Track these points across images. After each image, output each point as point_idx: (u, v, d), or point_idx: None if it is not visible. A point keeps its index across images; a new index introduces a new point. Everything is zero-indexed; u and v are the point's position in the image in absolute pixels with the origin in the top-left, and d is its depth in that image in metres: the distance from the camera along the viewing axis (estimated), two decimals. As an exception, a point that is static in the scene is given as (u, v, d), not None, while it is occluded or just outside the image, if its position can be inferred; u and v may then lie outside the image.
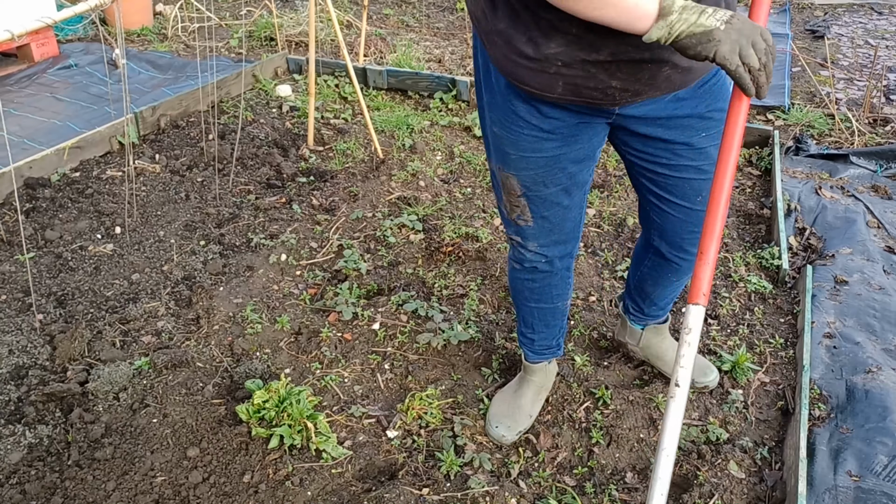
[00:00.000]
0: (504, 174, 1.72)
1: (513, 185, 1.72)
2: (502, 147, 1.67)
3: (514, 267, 1.96)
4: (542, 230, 1.80)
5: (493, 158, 1.75)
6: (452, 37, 5.50)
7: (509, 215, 1.81)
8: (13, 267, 2.70)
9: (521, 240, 1.85)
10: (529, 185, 1.71)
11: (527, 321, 2.06)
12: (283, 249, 2.88)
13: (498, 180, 1.77)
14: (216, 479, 1.92)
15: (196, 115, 3.95)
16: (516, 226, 1.82)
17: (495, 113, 1.64)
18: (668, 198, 1.82)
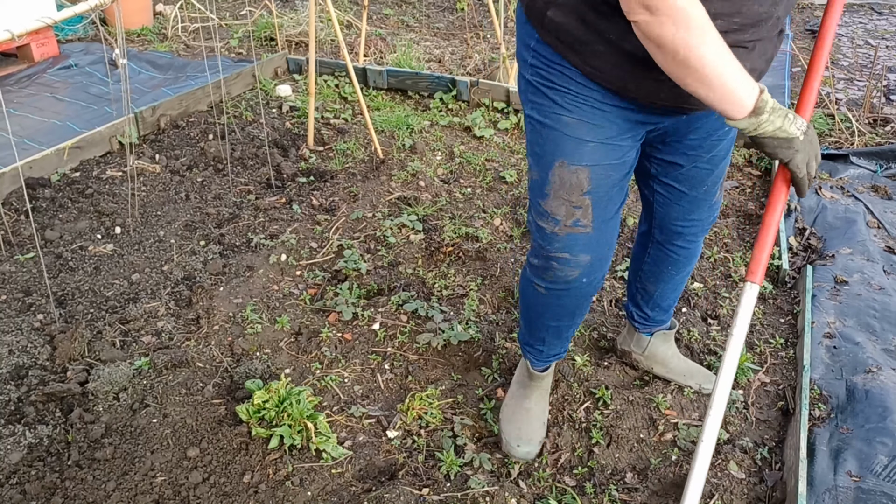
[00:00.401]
0: (569, 169, 1.61)
1: (580, 179, 1.62)
2: (576, 135, 1.59)
3: (537, 288, 1.81)
4: (597, 241, 1.70)
5: (553, 154, 1.63)
6: (452, 37, 5.50)
7: (564, 220, 1.66)
8: (13, 267, 2.70)
9: (569, 255, 1.69)
10: (599, 181, 1.63)
11: (538, 335, 1.97)
12: (283, 249, 2.88)
13: (551, 181, 1.64)
14: (216, 479, 1.93)
15: (196, 115, 3.95)
16: (568, 237, 1.67)
17: (572, 99, 1.57)
18: (677, 187, 1.87)
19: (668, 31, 1.28)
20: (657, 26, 1.28)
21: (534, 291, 1.83)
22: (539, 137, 1.65)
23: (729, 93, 1.33)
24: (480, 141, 3.83)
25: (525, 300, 1.92)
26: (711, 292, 2.69)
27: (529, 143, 1.70)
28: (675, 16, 1.27)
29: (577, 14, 1.46)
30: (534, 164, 1.69)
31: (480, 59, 4.82)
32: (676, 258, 2.04)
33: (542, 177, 1.65)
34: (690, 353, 2.40)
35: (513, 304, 2.64)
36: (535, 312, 1.91)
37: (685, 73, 1.31)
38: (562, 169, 1.62)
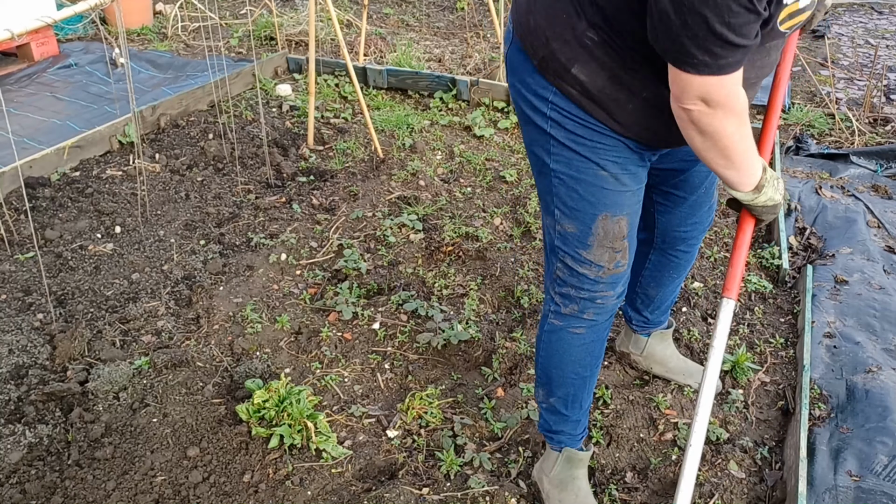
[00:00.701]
0: (612, 221, 1.60)
1: (622, 227, 1.62)
2: (616, 187, 1.57)
3: (575, 333, 1.73)
4: (629, 266, 1.70)
5: (594, 207, 1.59)
6: (452, 36, 5.50)
7: (608, 265, 1.64)
8: (13, 267, 2.70)
9: (612, 292, 1.68)
10: (633, 221, 1.65)
11: (577, 397, 1.82)
12: (283, 249, 2.88)
13: (595, 234, 1.61)
14: (216, 479, 1.92)
15: (196, 114, 3.95)
16: (612, 277, 1.66)
17: (605, 154, 1.54)
18: (675, 193, 1.89)
19: (717, 122, 1.32)
20: (709, 117, 1.31)
21: (570, 339, 1.74)
22: (573, 192, 1.59)
23: (745, 172, 1.45)
24: (480, 140, 3.83)
25: (558, 357, 1.78)
26: (711, 292, 2.69)
27: (556, 196, 1.62)
28: (732, 108, 1.31)
29: (607, 71, 1.43)
30: (567, 217, 1.62)
31: (480, 59, 4.82)
32: (678, 262, 2.04)
33: (583, 230, 1.61)
34: (690, 353, 2.40)
35: (512, 303, 2.64)
36: (572, 365, 1.78)
37: (715, 153, 1.39)
38: (605, 221, 1.60)
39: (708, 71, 1.25)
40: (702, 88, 1.28)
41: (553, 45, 1.45)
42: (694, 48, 1.22)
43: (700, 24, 1.18)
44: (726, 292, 1.63)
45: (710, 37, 1.19)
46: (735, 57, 1.24)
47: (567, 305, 1.71)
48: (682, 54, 1.24)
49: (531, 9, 1.50)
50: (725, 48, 1.22)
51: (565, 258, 1.66)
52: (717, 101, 1.29)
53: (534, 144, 1.62)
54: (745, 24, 1.19)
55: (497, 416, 2.15)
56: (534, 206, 3.18)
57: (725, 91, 1.29)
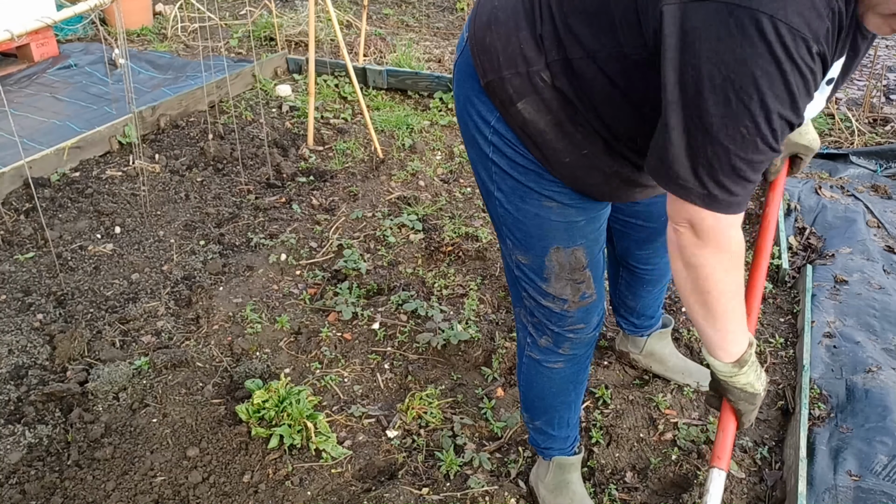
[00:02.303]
0: (566, 252, 1.49)
1: (578, 258, 1.50)
2: (564, 219, 1.46)
3: (554, 367, 1.67)
4: (600, 296, 1.59)
5: (543, 240, 1.49)
6: (452, 36, 5.50)
7: (572, 298, 1.54)
8: (13, 267, 2.70)
9: (584, 325, 1.59)
10: (592, 250, 1.53)
11: (563, 418, 1.79)
12: (282, 249, 2.88)
13: (549, 266, 1.51)
14: (216, 479, 1.92)
15: (196, 114, 3.95)
16: (580, 310, 1.56)
17: (548, 186, 1.43)
18: (633, 221, 1.85)
19: (703, 257, 1.19)
20: (696, 248, 1.18)
21: (549, 374, 1.68)
22: (519, 223, 1.49)
23: (726, 333, 1.28)
24: (480, 141, 3.82)
25: (538, 389, 1.74)
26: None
27: (504, 225, 1.52)
28: (724, 248, 1.18)
29: (553, 117, 1.31)
30: (518, 247, 1.53)
31: (480, 59, 4.81)
32: (649, 278, 2.03)
33: (537, 262, 1.52)
34: (690, 353, 2.40)
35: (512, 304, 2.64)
36: (553, 396, 1.73)
37: (696, 297, 1.25)
38: (558, 253, 1.49)
39: (713, 206, 1.12)
40: (696, 216, 1.15)
41: (503, 73, 1.32)
42: (705, 178, 1.10)
43: (720, 155, 1.07)
44: (716, 461, 1.43)
45: (726, 170, 1.08)
46: (743, 195, 1.12)
47: (541, 337, 1.63)
48: (685, 181, 1.11)
49: (490, 25, 1.35)
50: (738, 184, 1.10)
51: (528, 289, 1.57)
52: (707, 235, 1.16)
53: (477, 166, 1.51)
54: (763, 161, 1.08)
55: (497, 415, 2.15)
56: (533, 206, 3.18)
57: (721, 227, 1.15)
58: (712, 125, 1.04)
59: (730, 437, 1.43)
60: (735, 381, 1.34)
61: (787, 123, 1.06)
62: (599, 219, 1.53)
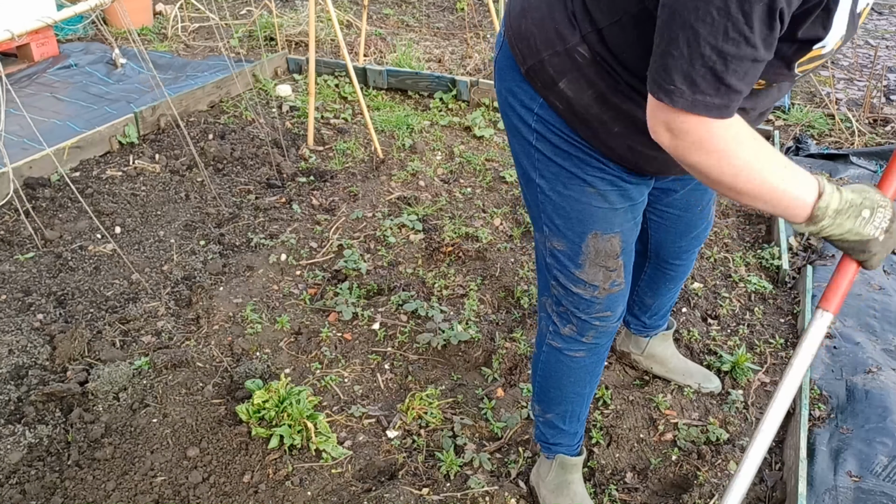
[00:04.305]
0: (603, 239, 1.51)
1: (614, 246, 1.52)
2: (605, 205, 1.48)
3: (575, 356, 1.68)
4: (627, 286, 1.61)
5: (582, 225, 1.50)
6: (452, 37, 5.50)
7: (602, 285, 1.55)
8: (13, 267, 2.70)
9: (611, 313, 1.60)
10: (628, 239, 1.55)
11: (575, 412, 1.80)
12: (282, 249, 2.88)
13: (585, 252, 1.52)
14: (216, 479, 1.92)
15: (196, 115, 3.95)
16: (608, 297, 1.58)
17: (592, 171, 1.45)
18: (670, 211, 1.82)
19: (694, 157, 1.13)
20: (683, 150, 1.13)
21: (570, 363, 1.69)
22: (560, 209, 1.50)
23: (779, 202, 1.17)
24: (480, 141, 3.83)
25: (556, 378, 1.74)
26: (711, 292, 2.69)
27: (543, 212, 1.54)
28: (707, 148, 1.11)
29: (595, 91, 1.32)
30: (555, 234, 1.54)
31: (480, 59, 4.82)
32: (674, 274, 2.02)
33: (573, 248, 1.53)
34: (690, 353, 2.40)
35: (512, 303, 2.64)
36: (571, 386, 1.74)
37: (726, 191, 1.18)
38: (595, 239, 1.51)
39: (683, 104, 1.07)
40: (667, 116, 1.11)
41: (543, 55, 1.35)
42: (674, 71, 1.06)
43: (690, 40, 1.03)
44: (822, 302, 1.36)
45: (696, 59, 1.03)
46: (719, 99, 1.06)
47: (565, 325, 1.64)
48: (660, 75, 1.08)
49: (524, 13, 1.39)
50: (708, 80, 1.05)
51: (559, 276, 1.58)
52: (687, 137, 1.11)
53: (520, 156, 1.54)
54: (739, 60, 1.03)
55: (497, 416, 2.15)
56: (534, 206, 3.18)
57: (699, 132, 1.10)
58: (685, 7, 1.02)
59: (843, 280, 1.34)
60: (827, 234, 1.21)
61: (768, 13, 0.99)
62: (638, 208, 1.55)
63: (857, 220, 1.20)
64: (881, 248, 1.23)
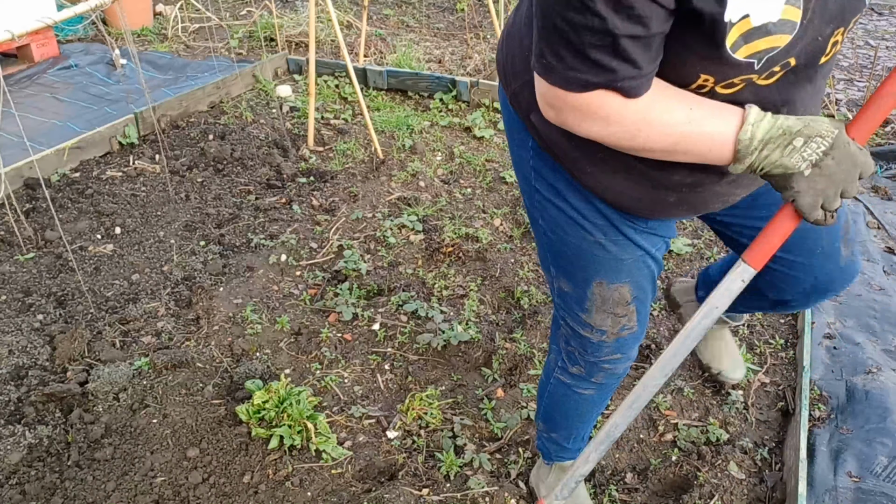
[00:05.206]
0: (609, 288, 1.39)
1: (623, 295, 1.40)
2: (608, 255, 1.36)
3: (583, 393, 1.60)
4: (641, 329, 1.50)
5: (587, 273, 1.40)
6: (452, 37, 5.50)
7: (610, 330, 1.45)
8: (13, 267, 2.70)
9: (621, 354, 1.50)
10: (641, 286, 1.42)
11: (580, 435, 1.76)
12: (283, 250, 2.88)
13: (591, 299, 1.41)
14: (216, 480, 1.92)
15: (196, 115, 3.95)
16: (617, 342, 1.47)
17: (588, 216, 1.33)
18: (781, 255, 1.48)
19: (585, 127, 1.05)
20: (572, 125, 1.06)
21: (577, 398, 1.62)
22: (561, 254, 1.41)
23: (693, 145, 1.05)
24: (480, 141, 3.83)
25: (563, 409, 1.68)
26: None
27: (551, 255, 1.44)
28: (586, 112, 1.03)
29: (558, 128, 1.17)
30: (562, 277, 1.45)
31: (480, 60, 4.82)
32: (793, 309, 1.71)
33: (579, 293, 1.43)
34: (690, 353, 2.40)
35: (513, 304, 2.64)
36: (577, 417, 1.68)
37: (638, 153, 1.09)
38: (601, 288, 1.39)
39: (556, 79, 1.01)
40: (549, 93, 1.04)
41: (514, 86, 1.27)
42: (542, 44, 0.99)
43: (546, 11, 0.96)
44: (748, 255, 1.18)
45: (552, 31, 0.96)
46: (595, 76, 0.97)
47: (573, 365, 1.56)
48: (535, 50, 1.02)
49: (503, 42, 1.31)
50: (572, 53, 0.96)
51: (566, 318, 1.50)
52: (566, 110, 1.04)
53: (524, 194, 1.44)
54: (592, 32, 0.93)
55: (497, 416, 2.15)
56: (534, 206, 3.18)
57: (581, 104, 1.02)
58: None
59: (773, 233, 1.15)
60: (759, 168, 1.06)
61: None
62: (648, 258, 1.40)
63: (785, 150, 1.03)
64: (807, 187, 1.04)
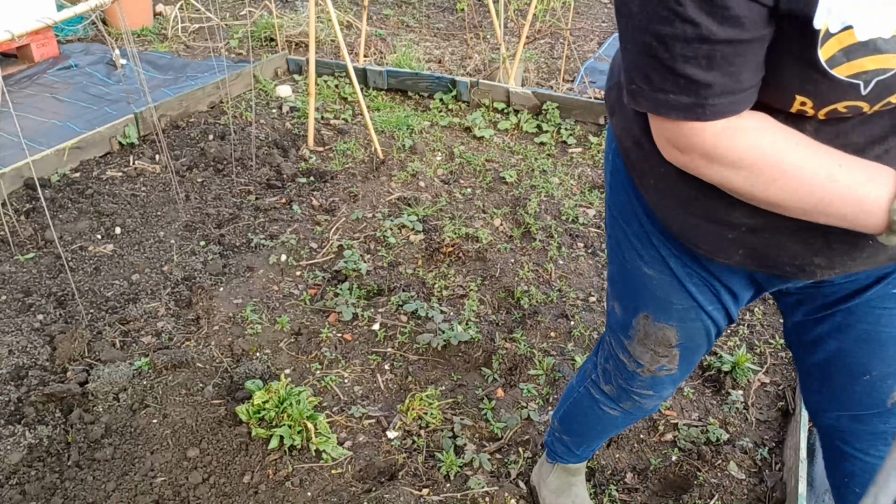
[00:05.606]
0: (655, 326, 1.31)
1: (667, 336, 1.31)
2: (658, 293, 1.27)
3: (609, 411, 1.55)
4: (682, 373, 1.40)
5: (635, 303, 1.32)
6: (452, 37, 5.50)
7: (648, 366, 1.37)
8: (13, 267, 2.70)
9: (653, 392, 1.43)
10: (689, 336, 1.31)
11: (591, 446, 1.74)
12: (283, 250, 2.88)
13: (636, 329, 1.34)
14: (216, 480, 1.92)
15: (196, 115, 3.95)
16: (652, 379, 1.40)
17: (647, 245, 1.24)
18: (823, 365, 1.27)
19: (714, 174, 0.93)
20: (698, 168, 0.95)
21: (601, 414, 1.57)
22: (618, 274, 1.33)
23: (830, 205, 0.89)
24: (480, 141, 3.83)
25: (583, 419, 1.64)
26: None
27: (612, 271, 1.37)
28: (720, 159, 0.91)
29: (631, 134, 1.11)
30: (615, 297, 1.38)
31: (480, 60, 4.82)
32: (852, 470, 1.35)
33: (626, 319, 1.36)
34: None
35: (512, 304, 2.64)
36: (596, 430, 1.64)
37: (766, 206, 0.95)
38: (646, 322, 1.32)
39: (645, 105, 0.92)
40: (656, 127, 0.95)
41: (607, 87, 1.21)
42: (631, 68, 0.91)
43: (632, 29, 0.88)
44: None
45: (640, 49, 0.88)
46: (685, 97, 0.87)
47: (607, 384, 1.51)
48: (625, 77, 0.94)
49: (611, 66, 1.24)
50: (660, 72, 0.87)
51: (611, 337, 1.44)
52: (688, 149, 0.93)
53: (606, 203, 1.35)
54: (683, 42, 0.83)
55: (497, 416, 2.15)
56: (534, 206, 3.18)
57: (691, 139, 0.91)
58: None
59: None
60: None
61: None
62: (702, 313, 1.27)
63: None
64: None
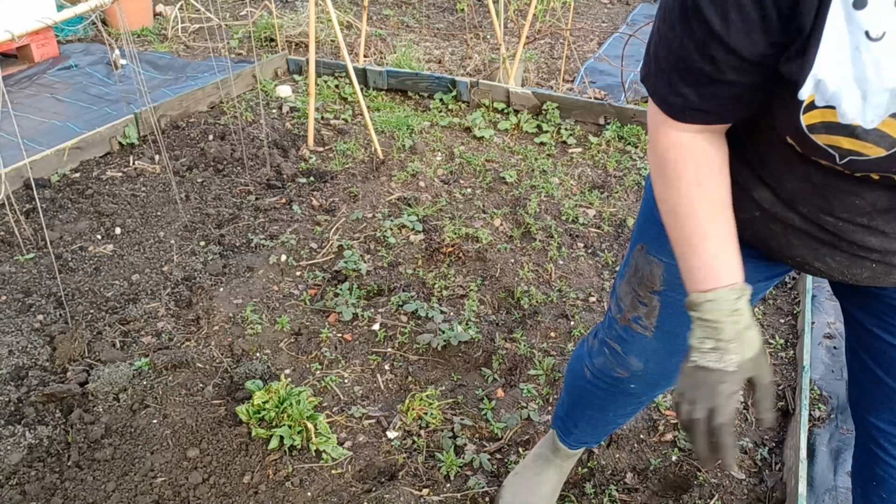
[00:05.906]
0: (645, 259, 1.32)
1: (653, 273, 1.30)
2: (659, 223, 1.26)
3: (585, 370, 1.55)
4: (657, 351, 1.37)
5: (639, 233, 1.36)
6: (452, 37, 5.50)
7: (627, 311, 1.38)
8: (13, 267, 2.70)
9: (620, 349, 1.41)
10: (674, 284, 1.27)
11: (573, 417, 1.69)
12: (283, 250, 2.88)
13: (630, 264, 1.38)
14: (216, 480, 1.93)
15: (196, 115, 3.95)
16: (625, 330, 1.39)
17: None
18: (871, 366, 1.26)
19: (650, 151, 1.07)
20: (650, 141, 1.07)
21: (581, 372, 1.57)
22: (641, 215, 1.38)
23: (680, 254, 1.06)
24: (480, 141, 3.83)
25: (571, 377, 1.65)
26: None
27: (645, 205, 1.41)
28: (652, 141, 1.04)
29: None
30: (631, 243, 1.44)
31: (480, 60, 4.82)
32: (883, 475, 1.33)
33: (627, 257, 1.40)
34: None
35: (513, 304, 2.64)
36: (575, 394, 1.64)
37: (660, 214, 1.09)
38: (640, 254, 1.34)
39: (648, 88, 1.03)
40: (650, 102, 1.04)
41: None
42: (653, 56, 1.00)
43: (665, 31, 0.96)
44: None
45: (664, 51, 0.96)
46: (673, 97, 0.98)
47: (593, 336, 1.55)
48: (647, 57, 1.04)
49: None
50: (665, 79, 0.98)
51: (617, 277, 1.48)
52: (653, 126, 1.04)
53: None
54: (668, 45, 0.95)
55: (497, 416, 2.15)
56: (534, 206, 3.18)
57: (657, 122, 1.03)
58: None
59: None
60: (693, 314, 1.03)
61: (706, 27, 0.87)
62: None
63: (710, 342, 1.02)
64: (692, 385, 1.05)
